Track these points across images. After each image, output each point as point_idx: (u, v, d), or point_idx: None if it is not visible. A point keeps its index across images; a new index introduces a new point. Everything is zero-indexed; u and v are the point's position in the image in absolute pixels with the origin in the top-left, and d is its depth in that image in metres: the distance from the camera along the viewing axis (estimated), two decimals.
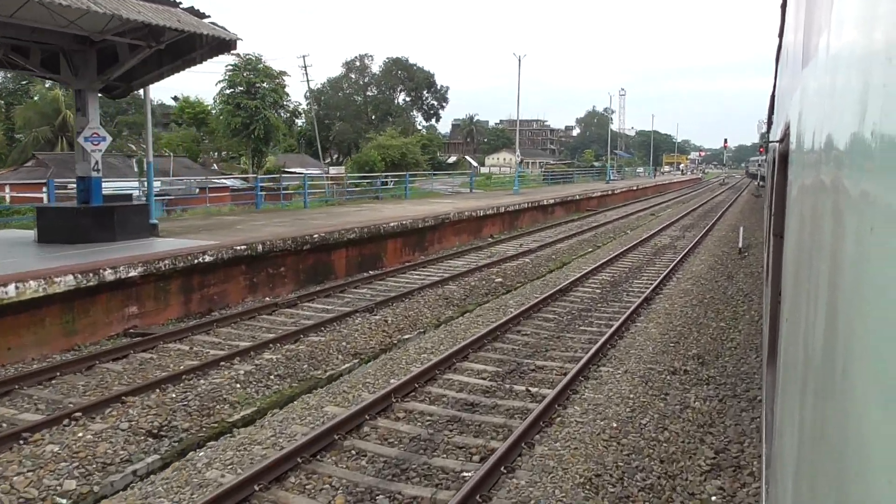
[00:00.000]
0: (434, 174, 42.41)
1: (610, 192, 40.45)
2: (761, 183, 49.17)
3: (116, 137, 49.31)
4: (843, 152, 1.08)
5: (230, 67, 42.95)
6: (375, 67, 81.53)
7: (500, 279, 15.24)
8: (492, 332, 9.89)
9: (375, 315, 11.43)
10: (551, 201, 29.96)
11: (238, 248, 12.22)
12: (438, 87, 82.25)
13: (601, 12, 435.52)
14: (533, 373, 8.24)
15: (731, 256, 19.37)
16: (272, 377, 8.41)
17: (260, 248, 12.69)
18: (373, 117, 78.10)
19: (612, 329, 9.97)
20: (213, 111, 42.89)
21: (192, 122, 46.01)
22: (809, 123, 1.94)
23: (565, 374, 7.99)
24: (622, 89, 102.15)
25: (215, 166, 51.33)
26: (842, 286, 1.02)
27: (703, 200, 45.67)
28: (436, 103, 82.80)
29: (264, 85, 42.92)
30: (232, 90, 42.82)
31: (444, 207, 23.11)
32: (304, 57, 42.42)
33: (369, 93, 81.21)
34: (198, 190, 35.71)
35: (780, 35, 7.08)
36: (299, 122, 60.20)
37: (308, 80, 44.57)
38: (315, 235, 14.21)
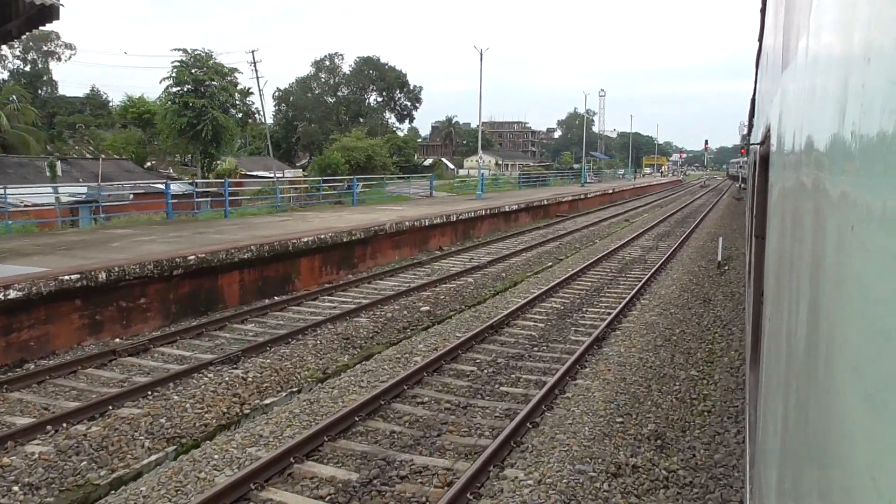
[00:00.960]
0: (388, 178, 39.14)
1: (583, 196, 37.86)
2: (742, 185, 46.98)
3: (55, 139, 45.95)
4: (823, 153, 1.10)
5: (177, 64, 39.93)
6: (347, 67, 78.55)
7: (427, 307, 12.49)
8: (375, 398, 7.14)
9: (237, 367, 8.62)
10: (514, 207, 27.26)
11: (67, 278, 9.35)
12: (411, 87, 79.33)
13: (588, 15, 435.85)
14: (402, 483, 5.47)
15: (708, 272, 16.80)
16: (15, 489, 5.59)
17: (103, 276, 9.83)
18: (346, 118, 75.05)
19: (541, 393, 7.25)
20: (159, 111, 39.76)
21: (138, 123, 42.70)
22: (790, 125, 2.00)
23: (448, 486, 5.25)
24: (602, 90, 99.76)
25: (171, 170, 48.13)
26: (824, 286, 1.04)
27: (682, 204, 43.28)
28: (409, 104, 79.81)
29: (213, 83, 39.88)
30: (179, 88, 39.75)
31: (389, 216, 20.37)
32: (253, 52, 39.24)
33: (340, 93, 78.12)
34: (132, 196, 32.72)
35: (760, 39, 7.00)
36: (267, 120, 57.03)
37: (258, 78, 41.28)
38: (191, 257, 11.37)
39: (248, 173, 51.57)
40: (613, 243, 21.66)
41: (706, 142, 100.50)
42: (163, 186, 35.70)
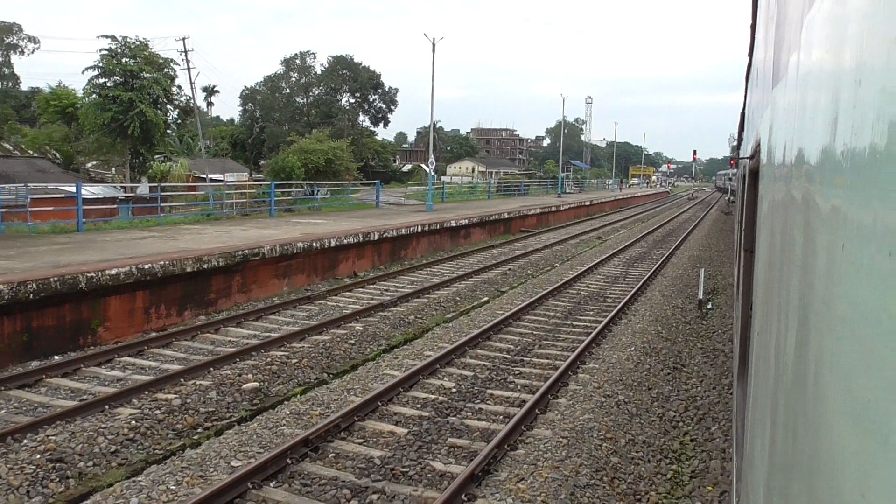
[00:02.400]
0: (321, 184, 34.54)
1: (554, 209, 33.76)
2: (731, 198, 43.16)
3: None
4: (814, 168, 1.10)
5: (105, 52, 35.59)
6: (320, 67, 74.15)
7: (258, 382, 8.31)
8: None
9: None
10: (464, 221, 23.12)
11: None
12: (387, 89, 75.10)
13: (583, 24, 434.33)
14: None
15: (684, 317, 12.75)
16: None
17: None
18: (316, 119, 70.70)
19: None
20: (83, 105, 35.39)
21: (63, 118, 38.29)
22: (780, 140, 2.02)
23: None
24: (588, 97, 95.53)
25: (114, 171, 43.67)
26: (813, 300, 1.03)
27: (666, 219, 39.30)
28: (384, 106, 75.51)
29: (145, 75, 35.54)
30: (105, 80, 35.39)
31: (290, 233, 16.23)
32: (184, 39, 35.06)
33: (312, 93, 73.79)
34: (29, 199, 28.43)
35: (750, 54, 6.96)
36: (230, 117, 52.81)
37: (189, 70, 37.07)
38: None
39: (201, 175, 47.44)
40: (574, 269, 17.59)
41: (694, 152, 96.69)
42: (73, 189, 31.36)
